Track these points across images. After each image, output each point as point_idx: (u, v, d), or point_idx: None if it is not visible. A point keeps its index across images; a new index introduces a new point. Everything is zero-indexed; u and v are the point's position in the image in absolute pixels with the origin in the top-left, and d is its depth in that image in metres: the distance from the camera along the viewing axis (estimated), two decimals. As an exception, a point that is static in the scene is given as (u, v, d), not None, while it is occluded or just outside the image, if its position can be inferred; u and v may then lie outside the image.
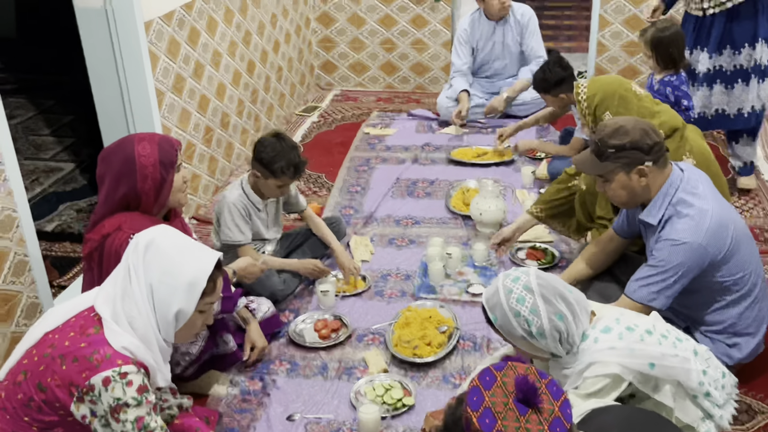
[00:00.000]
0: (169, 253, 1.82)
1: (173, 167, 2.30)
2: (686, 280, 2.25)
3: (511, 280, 1.89)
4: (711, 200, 2.29)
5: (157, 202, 2.31)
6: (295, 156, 2.92)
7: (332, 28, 5.55)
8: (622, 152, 2.30)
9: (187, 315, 1.82)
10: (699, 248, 2.21)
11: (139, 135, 2.34)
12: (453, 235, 3.54)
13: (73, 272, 3.37)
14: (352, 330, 2.86)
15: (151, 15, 3.29)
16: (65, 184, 4.28)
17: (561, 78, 3.81)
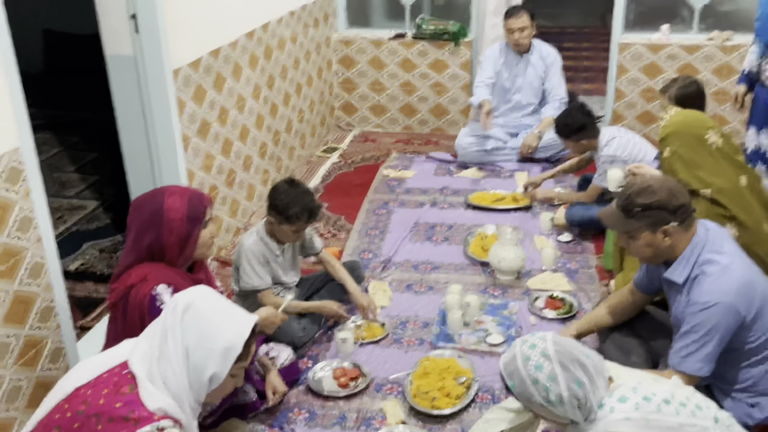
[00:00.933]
0: (207, 316, 1.84)
1: (200, 223, 2.34)
2: (724, 341, 2.25)
3: (529, 347, 1.89)
4: (737, 259, 2.30)
5: (182, 255, 2.35)
6: (309, 201, 2.97)
7: (354, 70, 5.64)
8: (648, 211, 2.32)
9: (220, 379, 1.84)
10: (731, 307, 2.22)
11: (172, 188, 2.39)
12: (471, 282, 3.55)
13: (97, 313, 3.41)
14: (371, 379, 2.88)
15: (179, 63, 3.38)
16: (89, 222, 4.35)
17: (583, 124, 3.86)
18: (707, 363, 2.26)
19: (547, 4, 10.01)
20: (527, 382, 1.86)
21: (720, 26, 5.15)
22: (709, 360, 2.26)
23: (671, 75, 5.16)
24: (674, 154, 2.98)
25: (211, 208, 2.43)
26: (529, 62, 4.92)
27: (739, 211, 2.92)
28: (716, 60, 5.08)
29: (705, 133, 2.97)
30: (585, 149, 3.99)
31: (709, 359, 2.26)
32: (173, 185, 2.46)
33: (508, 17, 4.78)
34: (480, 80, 4.97)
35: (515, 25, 4.74)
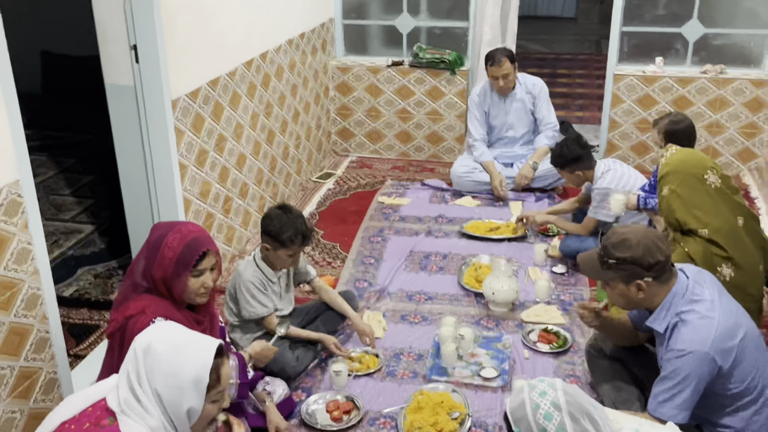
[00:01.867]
0: (167, 355, 1.83)
1: (188, 270, 2.30)
2: (700, 389, 2.27)
3: (538, 395, 1.87)
4: (717, 307, 2.31)
5: (171, 294, 2.33)
6: (302, 224, 3.01)
7: (350, 96, 5.69)
8: (622, 265, 2.35)
9: (198, 411, 1.84)
10: (705, 356, 2.24)
11: (184, 226, 2.36)
12: (465, 314, 3.57)
13: (90, 340, 3.41)
14: (364, 412, 2.88)
15: (178, 93, 3.40)
16: (84, 247, 4.35)
17: (578, 156, 3.90)
18: (683, 410, 2.28)
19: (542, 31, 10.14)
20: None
21: (713, 60, 5.21)
22: (685, 407, 2.28)
23: (665, 107, 5.23)
24: (673, 193, 3.01)
25: (216, 259, 2.39)
26: (515, 98, 4.96)
27: (735, 252, 2.94)
28: (709, 93, 5.14)
29: (704, 173, 3.01)
30: (581, 180, 4.02)
31: (684, 406, 2.28)
32: (192, 223, 2.42)
33: (490, 65, 4.80)
34: (475, 138, 5.02)
35: (498, 73, 4.78)
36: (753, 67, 5.18)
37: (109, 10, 3.21)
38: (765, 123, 5.12)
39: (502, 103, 4.99)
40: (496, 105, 5.00)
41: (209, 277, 2.38)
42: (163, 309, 2.30)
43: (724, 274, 2.95)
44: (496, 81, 4.82)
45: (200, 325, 2.40)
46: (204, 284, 2.36)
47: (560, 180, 4.91)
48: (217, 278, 2.43)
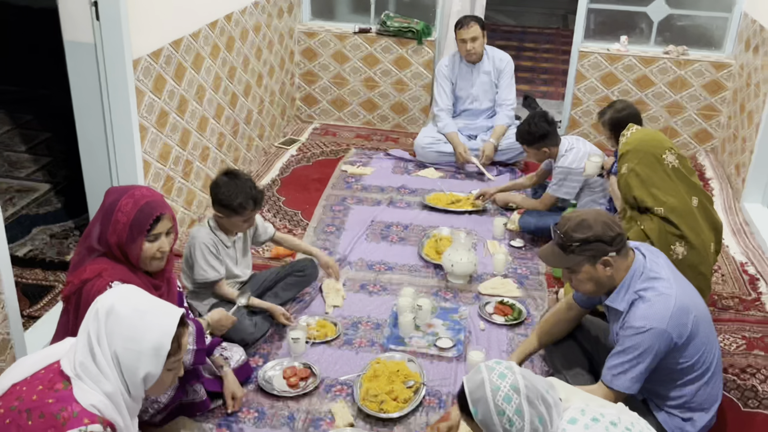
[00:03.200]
0: (130, 319, 1.82)
1: (142, 235, 2.28)
2: (654, 364, 2.35)
3: (498, 376, 1.90)
4: (674, 285, 2.38)
5: (126, 259, 2.31)
6: (251, 188, 3.00)
7: (315, 62, 5.63)
8: (587, 245, 2.39)
9: (155, 377, 1.85)
10: (663, 333, 2.31)
11: (137, 191, 2.32)
12: (424, 285, 3.61)
13: (45, 302, 3.36)
14: (321, 379, 2.91)
15: (139, 53, 3.33)
16: (39, 206, 4.27)
17: (545, 132, 3.92)
18: (636, 382, 2.36)
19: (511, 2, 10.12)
20: (493, 413, 1.87)
21: (676, 41, 5.28)
22: (638, 380, 2.36)
23: (627, 86, 5.29)
24: (631, 171, 3.07)
25: (171, 223, 2.36)
26: (481, 70, 4.97)
27: (689, 231, 3.02)
28: (671, 73, 5.22)
29: (663, 153, 3.07)
30: (545, 157, 4.05)
31: (638, 379, 2.36)
32: (146, 187, 2.38)
33: (459, 28, 4.80)
34: (440, 107, 5.03)
35: (467, 36, 4.78)
36: (714, 50, 5.26)
37: (69, -37, 3.11)
38: (722, 105, 5.22)
39: (469, 74, 4.99)
40: (463, 76, 5.00)
41: (165, 242, 2.35)
42: (120, 273, 2.28)
43: (677, 252, 3.03)
44: (463, 45, 4.82)
45: (157, 290, 2.38)
46: (160, 249, 2.34)
47: (522, 154, 4.95)
48: (173, 243, 2.41)
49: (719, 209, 4.45)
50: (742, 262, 3.93)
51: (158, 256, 2.35)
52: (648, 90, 5.28)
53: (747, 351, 3.20)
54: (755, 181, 4.47)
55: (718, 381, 2.52)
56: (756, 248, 4.07)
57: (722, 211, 4.47)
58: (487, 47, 4.98)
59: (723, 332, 3.30)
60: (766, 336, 3.30)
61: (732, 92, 5.12)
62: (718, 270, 3.82)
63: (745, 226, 4.31)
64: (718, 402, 2.53)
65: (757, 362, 3.13)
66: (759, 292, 3.65)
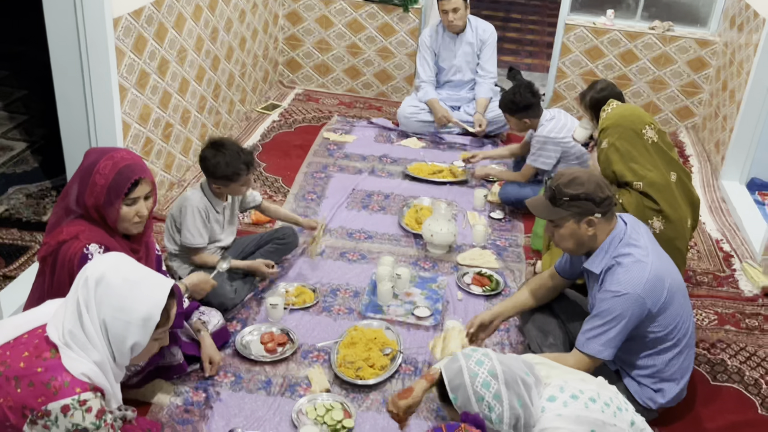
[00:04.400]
0: (120, 289, 1.82)
1: (119, 198, 2.25)
2: (628, 329, 2.38)
3: (475, 363, 1.91)
4: (651, 253, 2.42)
5: (104, 222, 2.28)
6: (240, 152, 3.02)
7: (300, 26, 5.56)
8: (575, 201, 2.41)
9: (142, 347, 1.85)
10: (638, 299, 2.34)
11: (117, 153, 2.28)
12: (403, 254, 3.62)
13: (21, 261, 3.33)
14: (298, 345, 2.92)
15: (120, 11, 3.27)
16: (15, 165, 4.21)
17: (529, 104, 3.92)
18: (608, 347, 2.39)
19: (499, -27, 10.02)
20: (472, 399, 1.90)
21: (662, 16, 5.28)
22: (611, 345, 2.39)
23: (611, 60, 5.29)
24: (611, 146, 3.08)
25: (150, 187, 2.33)
26: (464, 41, 4.94)
27: (667, 206, 3.05)
28: (655, 49, 5.22)
29: (642, 128, 3.08)
30: (526, 128, 4.06)
31: (611, 344, 2.38)
32: (125, 150, 2.34)
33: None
34: (422, 79, 4.99)
35: (448, 6, 4.73)
36: (699, 27, 5.26)
37: None
38: (705, 83, 5.24)
39: (452, 45, 4.96)
40: (446, 46, 4.97)
41: (143, 206, 2.33)
42: (98, 236, 2.26)
43: (654, 226, 3.06)
44: (445, 15, 4.78)
45: (135, 253, 2.37)
46: (138, 212, 2.31)
47: (504, 127, 4.95)
48: (152, 207, 2.38)
49: (698, 186, 4.50)
50: (717, 239, 3.98)
51: (136, 220, 2.32)
52: (632, 65, 5.28)
53: (718, 326, 3.26)
54: (734, 159, 4.51)
55: (690, 353, 2.57)
56: (732, 226, 4.12)
57: (700, 188, 4.51)
58: (471, 17, 4.94)
59: (696, 307, 3.36)
60: (738, 312, 3.36)
61: (715, 70, 5.14)
62: (693, 246, 3.87)
63: (722, 204, 4.36)
64: (689, 374, 2.59)
65: (728, 337, 3.19)
66: (733, 269, 3.71)
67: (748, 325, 3.27)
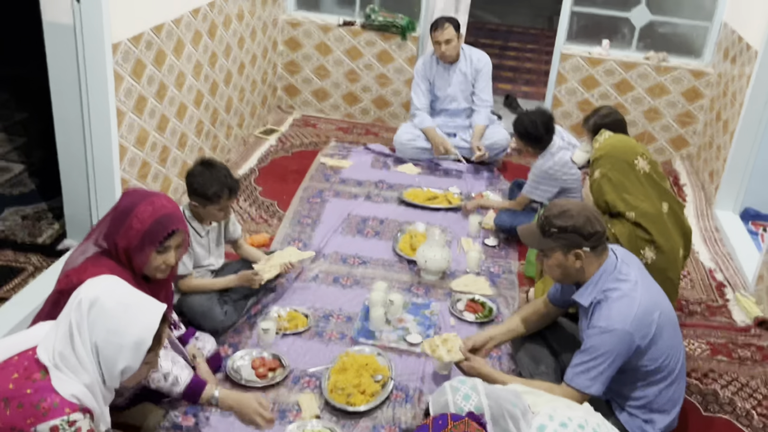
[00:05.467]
0: (114, 312, 1.83)
1: (154, 246, 2.27)
2: (617, 365, 2.38)
3: (462, 398, 1.90)
4: (640, 287, 2.42)
5: (131, 264, 2.29)
6: (226, 177, 2.99)
7: (299, 52, 5.61)
8: (563, 234, 2.43)
9: (133, 370, 1.85)
10: (626, 335, 2.34)
11: (154, 198, 2.31)
12: (397, 280, 3.62)
13: (14, 283, 3.33)
14: (289, 370, 2.92)
15: (119, 37, 3.31)
16: (12, 186, 4.22)
17: (540, 138, 3.91)
18: (597, 382, 2.38)
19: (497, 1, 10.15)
20: None
21: (657, 47, 5.34)
22: (600, 381, 2.38)
23: (606, 90, 5.34)
24: (604, 176, 3.11)
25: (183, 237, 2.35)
26: (458, 70, 4.98)
27: (659, 236, 3.07)
28: (650, 79, 5.27)
29: (635, 159, 3.11)
30: (531, 155, 4.08)
31: (599, 380, 2.38)
32: (165, 197, 2.37)
33: (434, 29, 4.79)
34: (417, 107, 5.01)
35: (441, 38, 4.77)
36: (694, 58, 5.32)
37: (50, -57, 3.08)
38: (700, 113, 5.29)
39: (445, 74, 4.99)
40: (440, 76, 5.01)
41: (173, 255, 2.34)
42: None
43: (646, 256, 3.07)
44: (438, 46, 4.82)
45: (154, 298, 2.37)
46: (166, 261, 2.33)
47: (500, 154, 4.99)
48: (180, 257, 2.40)
49: (691, 215, 4.52)
50: (710, 269, 3.99)
51: (163, 267, 2.34)
52: (627, 94, 5.33)
53: (711, 356, 3.26)
54: (728, 188, 4.54)
55: (681, 384, 2.57)
56: (725, 255, 4.13)
57: (694, 217, 4.53)
58: (465, 46, 4.98)
59: (688, 337, 3.35)
60: (730, 342, 3.36)
61: (709, 100, 5.19)
62: (687, 276, 3.88)
63: (715, 233, 4.37)
64: (680, 405, 2.58)
65: (720, 367, 3.18)
66: (726, 299, 3.71)
67: (741, 356, 3.26)
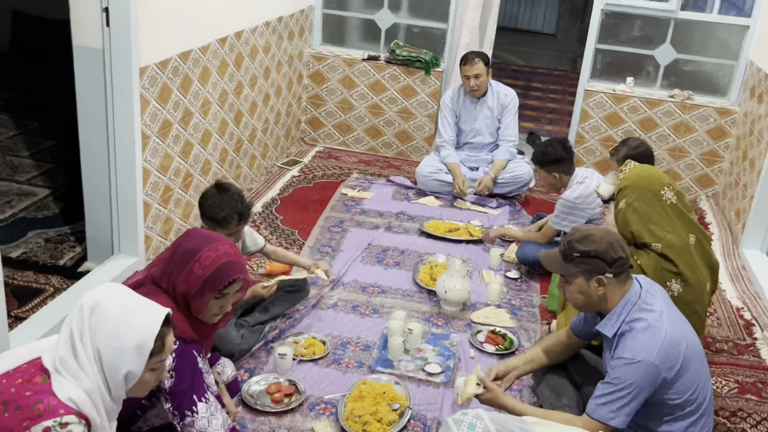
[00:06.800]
0: (114, 316, 1.81)
1: (212, 293, 2.26)
2: (642, 398, 2.30)
3: (467, 427, 1.81)
4: (666, 318, 2.35)
5: (186, 306, 2.29)
6: (238, 202, 2.95)
7: (323, 86, 5.67)
8: (585, 258, 2.38)
9: (136, 376, 1.83)
10: (652, 367, 2.27)
11: (218, 244, 2.30)
12: (416, 310, 3.58)
13: (34, 303, 3.34)
14: (305, 397, 2.87)
15: (147, 61, 3.36)
16: (37, 210, 4.26)
17: (560, 157, 3.88)
18: (620, 414, 2.30)
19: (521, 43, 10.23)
20: None
21: (682, 85, 5.32)
22: (624, 413, 2.30)
23: (631, 127, 5.31)
24: (629, 207, 3.06)
25: (242, 288, 2.35)
26: (485, 105, 4.99)
27: (686, 269, 3.00)
28: (675, 117, 5.24)
29: (661, 189, 3.06)
30: (556, 183, 3.99)
31: (622, 412, 2.30)
32: (229, 242, 2.36)
33: (463, 64, 4.83)
34: (444, 139, 5.04)
35: (470, 72, 4.80)
36: (719, 96, 5.29)
37: (83, -31, 3.15)
38: (726, 151, 5.23)
39: (472, 108, 5.01)
40: (466, 109, 5.02)
41: (230, 301, 2.34)
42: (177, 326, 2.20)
43: (672, 289, 3.00)
44: (467, 81, 4.84)
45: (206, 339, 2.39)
46: (223, 307, 2.32)
47: (523, 188, 4.96)
48: (237, 302, 2.40)
49: (718, 254, 4.43)
50: (738, 307, 3.89)
51: (218, 313, 2.33)
52: (652, 132, 5.30)
53: (739, 395, 3.15)
54: (755, 227, 4.45)
55: (708, 421, 2.48)
56: (753, 294, 4.04)
57: (721, 255, 4.45)
58: (493, 82, 5.01)
59: (715, 375, 3.26)
60: (759, 381, 3.26)
61: (735, 139, 5.14)
62: (713, 313, 3.79)
63: (742, 272, 4.28)
64: (707, 441, 2.49)
65: (749, 407, 3.08)
66: (754, 338, 3.61)
67: (771, 395, 3.16)
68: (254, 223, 4.32)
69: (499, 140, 5.04)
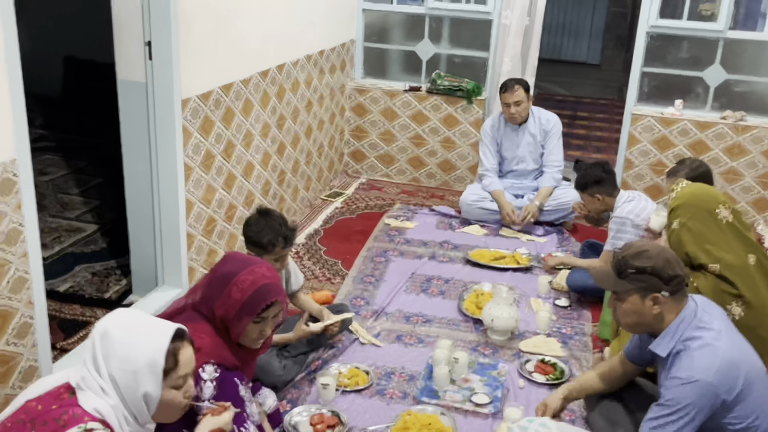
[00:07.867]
0: (121, 339, 1.80)
1: (251, 316, 2.22)
2: (699, 420, 2.17)
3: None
4: (724, 337, 2.23)
5: (225, 331, 2.26)
6: (282, 225, 2.92)
7: (365, 119, 5.67)
8: (641, 275, 2.28)
9: (155, 397, 1.80)
10: (709, 386, 2.14)
11: (255, 267, 2.26)
12: (462, 339, 3.48)
13: (79, 336, 3.35)
14: (348, 428, 2.78)
15: (189, 93, 3.39)
16: (85, 245, 4.32)
17: (600, 178, 3.79)
18: None
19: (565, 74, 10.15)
20: None
21: (733, 106, 5.16)
22: None
23: (681, 150, 5.16)
24: (683, 227, 2.93)
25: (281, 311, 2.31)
26: (527, 132, 4.91)
27: (747, 290, 2.85)
28: (728, 139, 5.07)
29: (716, 207, 2.93)
30: (600, 207, 3.88)
31: None
32: (266, 265, 2.32)
33: (503, 91, 4.77)
34: (486, 168, 4.97)
35: (510, 100, 4.74)
36: (774, 117, 5.11)
37: (126, 6, 3.22)
38: (783, 173, 5.03)
39: (514, 135, 4.94)
40: (508, 137, 4.95)
41: (269, 326, 2.31)
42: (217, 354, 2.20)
43: (733, 312, 2.85)
44: (507, 108, 4.78)
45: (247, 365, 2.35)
46: (262, 331, 2.29)
47: (570, 215, 4.84)
48: (277, 327, 2.37)
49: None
50: (804, 334, 3.68)
51: (258, 337, 2.30)
52: (703, 155, 5.13)
53: (810, 426, 2.95)
54: (818, 250, 4.24)
55: (773, 451, 2.32)
56: (820, 320, 3.81)
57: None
58: (534, 108, 4.93)
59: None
60: (832, 411, 3.05)
61: (793, 160, 4.94)
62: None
63: (807, 297, 4.06)
64: (773, 472, 2.32)
65: (822, 438, 2.87)
66: (823, 365, 3.40)
67: None
68: (297, 254, 4.30)
69: (544, 166, 4.95)
